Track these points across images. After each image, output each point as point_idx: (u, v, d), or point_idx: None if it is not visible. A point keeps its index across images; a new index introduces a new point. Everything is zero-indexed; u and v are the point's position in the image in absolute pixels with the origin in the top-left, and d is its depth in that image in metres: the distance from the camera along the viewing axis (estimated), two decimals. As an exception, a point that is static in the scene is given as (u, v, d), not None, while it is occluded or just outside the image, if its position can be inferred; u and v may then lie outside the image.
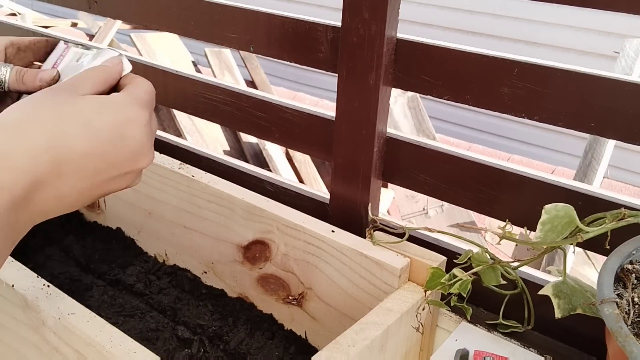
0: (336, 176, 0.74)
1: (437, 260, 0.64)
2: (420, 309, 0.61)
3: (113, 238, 0.92)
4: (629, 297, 0.45)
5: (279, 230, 0.72)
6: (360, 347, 0.54)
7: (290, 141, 0.80)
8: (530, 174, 0.62)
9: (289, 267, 0.73)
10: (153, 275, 0.84)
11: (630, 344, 0.40)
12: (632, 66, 1.96)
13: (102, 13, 0.97)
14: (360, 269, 0.66)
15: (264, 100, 0.80)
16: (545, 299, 0.54)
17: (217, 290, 0.82)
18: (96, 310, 0.62)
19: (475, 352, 0.59)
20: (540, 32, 3.35)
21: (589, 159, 2.01)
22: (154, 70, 0.91)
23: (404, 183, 0.71)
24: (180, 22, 0.85)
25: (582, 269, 1.86)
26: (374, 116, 0.67)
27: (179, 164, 0.83)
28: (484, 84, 0.61)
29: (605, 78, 0.55)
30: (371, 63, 0.65)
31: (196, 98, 0.88)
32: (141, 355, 0.52)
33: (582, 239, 0.50)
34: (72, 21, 3.79)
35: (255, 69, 3.17)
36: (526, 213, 0.62)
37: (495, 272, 0.57)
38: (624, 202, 0.57)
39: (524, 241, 0.53)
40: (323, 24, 0.70)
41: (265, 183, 0.84)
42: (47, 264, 0.85)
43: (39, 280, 0.61)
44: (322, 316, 0.72)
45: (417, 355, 0.66)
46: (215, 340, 0.73)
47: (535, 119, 0.59)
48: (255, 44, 0.78)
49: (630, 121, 0.54)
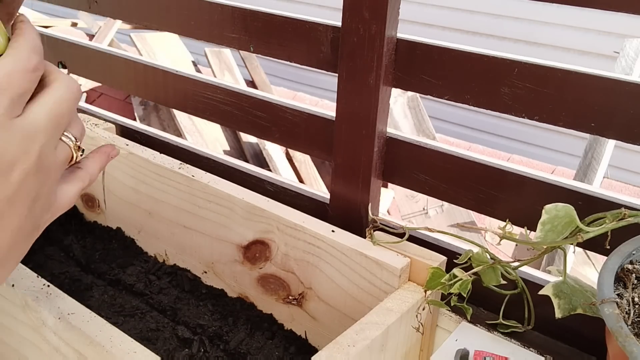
0: (336, 176, 0.74)
1: (437, 260, 0.64)
2: (421, 309, 0.61)
3: (113, 238, 0.92)
4: (629, 297, 0.45)
5: (279, 230, 0.72)
6: (360, 347, 0.54)
7: (290, 141, 0.80)
8: (530, 174, 0.62)
9: (289, 267, 0.73)
10: (153, 275, 0.84)
11: (631, 344, 0.40)
12: (632, 66, 1.96)
13: (102, 13, 0.96)
14: (361, 268, 0.66)
15: (264, 100, 0.80)
16: (545, 299, 0.54)
17: (217, 290, 0.82)
18: (96, 310, 0.62)
19: (475, 352, 0.59)
20: (540, 32, 3.35)
21: (589, 159, 2.01)
22: (154, 70, 0.91)
23: (404, 183, 0.71)
24: (180, 22, 0.85)
25: (582, 269, 1.86)
26: (374, 116, 0.67)
27: (179, 164, 0.83)
28: (484, 84, 0.61)
29: (605, 78, 0.55)
30: (371, 63, 0.65)
31: (196, 98, 0.88)
32: (141, 355, 0.52)
33: (582, 239, 0.50)
34: (72, 21, 3.79)
35: (255, 69, 3.18)
36: (526, 213, 0.62)
37: (495, 272, 0.57)
38: (624, 202, 0.57)
39: (524, 241, 0.53)
40: (323, 24, 0.70)
41: (265, 183, 0.84)
42: (47, 264, 0.85)
43: (39, 280, 0.61)
44: (322, 316, 0.72)
45: (417, 355, 0.66)
46: (215, 340, 0.73)
47: (535, 119, 0.59)
48: (255, 44, 0.78)
49: (630, 121, 0.54)
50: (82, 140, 0.42)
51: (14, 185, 0.35)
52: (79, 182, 0.42)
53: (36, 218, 0.38)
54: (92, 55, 1.00)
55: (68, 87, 0.38)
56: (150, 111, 2.96)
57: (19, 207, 0.36)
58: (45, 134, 0.36)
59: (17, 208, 0.36)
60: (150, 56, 2.96)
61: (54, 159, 0.38)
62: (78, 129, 0.41)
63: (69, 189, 0.41)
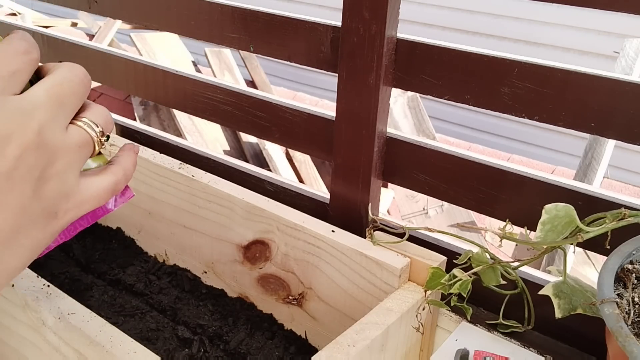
0: (336, 176, 0.74)
1: (437, 260, 0.64)
2: (421, 309, 0.61)
3: (113, 238, 0.92)
4: (629, 297, 0.45)
5: (279, 230, 0.72)
6: (360, 347, 0.54)
7: (290, 141, 0.80)
8: (530, 174, 0.62)
9: (289, 267, 0.73)
10: (153, 275, 0.84)
11: (631, 344, 0.40)
12: (632, 66, 1.96)
13: (102, 13, 0.96)
14: (361, 268, 0.66)
15: (264, 100, 0.80)
16: (545, 299, 0.54)
17: (217, 290, 0.82)
18: (96, 310, 0.62)
19: (475, 352, 0.59)
20: (540, 32, 3.36)
21: (589, 159, 2.01)
22: (154, 70, 0.91)
23: (404, 183, 0.71)
24: (180, 22, 0.85)
25: (582, 269, 1.86)
26: (374, 116, 0.67)
27: (179, 164, 0.83)
28: (484, 84, 0.61)
29: (605, 78, 0.55)
30: (371, 63, 0.65)
31: (196, 98, 0.88)
32: (141, 355, 0.52)
33: (582, 239, 0.50)
34: (72, 21, 3.79)
35: (255, 69, 3.18)
36: (526, 213, 0.62)
37: (495, 272, 0.57)
38: (624, 202, 0.57)
39: (524, 241, 0.53)
40: (323, 23, 0.70)
41: (265, 183, 0.84)
42: (47, 264, 0.85)
43: (39, 280, 0.61)
44: (322, 316, 0.72)
45: (417, 355, 0.66)
46: (215, 340, 0.73)
47: (535, 119, 0.59)
48: (255, 44, 0.78)
49: (630, 121, 0.54)
50: (108, 129, 0.41)
51: (10, 159, 0.34)
52: (110, 175, 0.41)
53: (47, 201, 0.37)
54: (92, 55, 1.00)
55: (71, 70, 0.38)
56: (150, 111, 2.96)
57: (19, 183, 0.35)
58: (45, 110, 0.36)
59: (17, 184, 0.35)
60: (150, 56, 2.96)
61: (61, 139, 0.37)
62: (98, 115, 0.40)
63: (99, 181, 0.40)
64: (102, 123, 0.40)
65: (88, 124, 0.39)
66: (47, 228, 0.37)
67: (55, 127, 0.36)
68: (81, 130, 0.38)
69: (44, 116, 0.36)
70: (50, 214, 0.37)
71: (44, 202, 0.36)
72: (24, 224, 0.36)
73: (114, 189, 0.41)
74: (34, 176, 0.35)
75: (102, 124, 0.40)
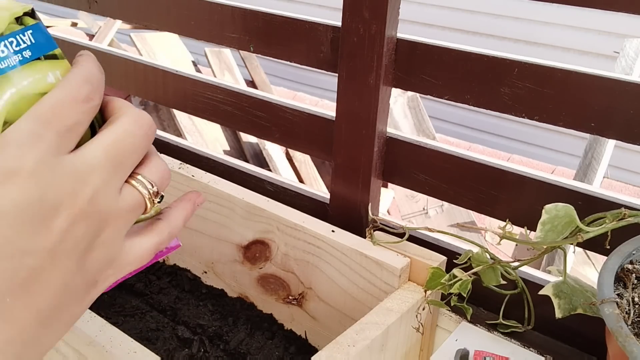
0: (336, 176, 0.74)
1: (437, 260, 0.64)
2: (421, 309, 0.61)
3: (113, 238, 0.92)
4: (629, 297, 0.45)
5: (279, 230, 0.72)
6: (360, 347, 0.54)
7: (290, 141, 0.80)
8: (530, 174, 0.62)
9: (289, 267, 0.73)
10: (153, 275, 0.84)
11: (631, 344, 0.40)
12: (632, 66, 1.96)
13: (102, 13, 0.96)
14: (361, 268, 0.66)
15: (264, 100, 0.80)
16: (545, 299, 0.54)
17: (217, 290, 0.82)
18: (96, 310, 0.62)
19: (475, 352, 0.59)
20: (540, 32, 3.35)
21: (589, 159, 2.01)
22: (154, 70, 0.91)
23: (404, 183, 0.71)
24: (180, 22, 0.85)
25: (582, 269, 1.86)
26: (374, 116, 0.67)
27: (179, 164, 0.83)
28: (484, 84, 0.61)
29: (605, 78, 0.55)
30: (371, 63, 0.65)
31: (196, 98, 0.88)
32: (141, 355, 0.52)
33: (582, 239, 0.50)
34: (72, 21, 3.79)
35: (255, 69, 3.18)
36: (526, 213, 0.62)
37: (495, 272, 0.57)
38: (624, 202, 0.57)
39: (524, 241, 0.53)
40: (323, 23, 0.70)
41: (265, 183, 0.84)
42: (47, 264, 0.85)
43: (39, 280, 0.61)
44: (322, 316, 0.72)
45: (417, 355, 0.66)
46: (215, 340, 0.73)
47: (535, 119, 0.59)
48: (255, 44, 0.78)
49: (630, 121, 0.54)
50: (164, 187, 0.36)
51: (56, 234, 0.29)
52: (156, 236, 0.36)
53: (91, 274, 0.32)
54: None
55: (136, 121, 0.33)
56: (150, 111, 2.96)
57: (63, 260, 0.30)
58: (102, 174, 0.31)
59: (61, 261, 0.30)
60: (150, 56, 2.96)
61: (114, 205, 0.32)
62: (157, 171, 0.35)
63: (142, 242, 0.35)
64: (157, 180, 0.35)
65: (143, 183, 0.34)
66: (86, 298, 0.33)
67: (109, 192, 0.32)
68: (135, 192, 0.33)
69: (99, 181, 0.31)
70: (92, 284, 0.33)
71: (89, 275, 0.32)
72: (65, 301, 0.31)
73: (157, 249, 0.36)
74: (80, 249, 0.31)
75: (157, 181, 0.35)
